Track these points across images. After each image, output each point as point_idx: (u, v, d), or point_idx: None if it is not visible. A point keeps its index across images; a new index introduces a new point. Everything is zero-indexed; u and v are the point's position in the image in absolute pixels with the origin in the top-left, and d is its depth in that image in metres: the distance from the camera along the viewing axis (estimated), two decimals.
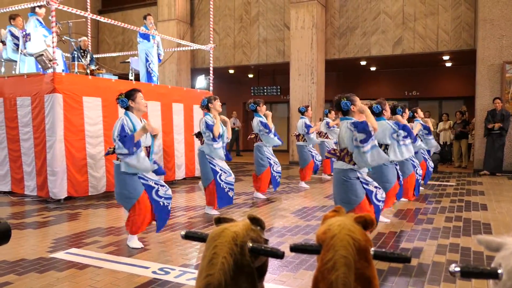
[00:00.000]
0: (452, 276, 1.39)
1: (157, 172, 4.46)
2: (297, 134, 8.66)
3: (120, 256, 4.02)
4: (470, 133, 12.04)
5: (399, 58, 12.92)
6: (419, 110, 7.30)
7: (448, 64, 14.57)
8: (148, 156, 4.32)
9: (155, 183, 4.30)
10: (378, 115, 5.04)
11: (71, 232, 4.89)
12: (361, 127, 3.95)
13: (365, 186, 4.10)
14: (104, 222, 5.45)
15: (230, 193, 5.79)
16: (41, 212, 6.01)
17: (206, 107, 5.77)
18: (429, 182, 8.61)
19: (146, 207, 4.24)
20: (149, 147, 4.36)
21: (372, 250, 1.34)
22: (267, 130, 6.89)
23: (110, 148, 4.39)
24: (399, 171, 5.41)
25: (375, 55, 12.64)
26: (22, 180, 6.97)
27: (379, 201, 4.14)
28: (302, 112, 8.67)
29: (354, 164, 4.04)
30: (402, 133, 5.14)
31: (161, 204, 4.31)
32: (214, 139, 5.59)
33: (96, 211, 6.09)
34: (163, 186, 4.36)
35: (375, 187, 4.17)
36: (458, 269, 1.17)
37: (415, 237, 4.69)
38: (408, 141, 5.30)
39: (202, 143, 5.82)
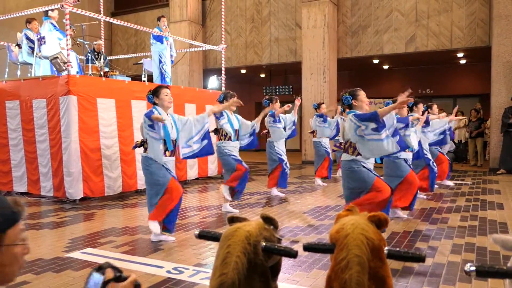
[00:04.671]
0: (467, 276, 1.38)
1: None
2: (312, 131, 8.64)
3: (135, 255, 4.06)
4: (485, 131, 11.86)
5: (412, 56, 12.79)
6: (434, 106, 7.23)
7: (463, 62, 14.38)
8: (174, 149, 4.52)
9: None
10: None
11: (86, 232, 4.95)
12: (367, 116, 3.98)
13: (372, 172, 4.17)
14: (119, 222, 5.51)
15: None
16: (57, 212, 6.10)
17: (221, 103, 5.87)
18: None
19: (177, 188, 4.41)
20: (175, 140, 4.54)
21: (386, 249, 1.33)
22: (273, 119, 6.91)
23: (137, 141, 4.60)
24: (410, 166, 5.37)
25: (388, 53, 12.54)
26: (38, 181, 7.08)
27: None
28: (315, 109, 8.65)
29: (358, 154, 4.11)
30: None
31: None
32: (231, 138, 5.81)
33: (111, 211, 6.16)
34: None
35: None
36: (473, 268, 1.16)
37: (429, 236, 4.64)
38: (407, 131, 5.28)
39: (218, 139, 5.90)
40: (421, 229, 4.93)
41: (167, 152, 4.45)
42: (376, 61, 14.26)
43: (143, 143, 4.50)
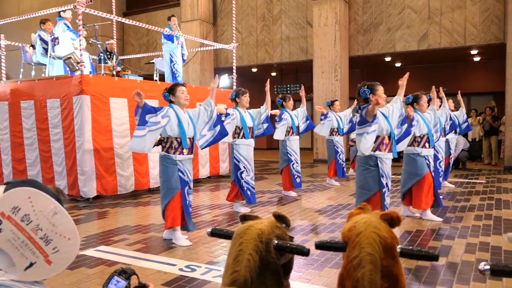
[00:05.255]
0: (481, 275, 1.36)
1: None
2: None
3: (148, 253, 4.10)
4: (500, 129, 11.69)
5: (425, 53, 12.66)
6: (449, 101, 7.15)
7: (477, 59, 14.19)
8: (191, 147, 4.50)
9: (188, 181, 4.46)
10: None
11: (100, 230, 5.01)
12: (361, 112, 3.97)
13: (382, 180, 4.08)
14: (132, 220, 5.56)
15: (249, 193, 5.86)
16: (71, 210, 6.17)
17: (234, 101, 5.88)
18: (458, 180, 8.43)
19: (178, 204, 4.38)
20: (192, 138, 4.54)
21: (398, 247, 1.33)
22: (278, 120, 6.87)
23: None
24: (430, 165, 5.28)
25: (400, 50, 12.42)
26: (53, 179, 7.17)
27: (385, 202, 4.10)
28: (329, 106, 8.59)
29: (375, 150, 4.03)
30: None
31: (187, 201, 4.45)
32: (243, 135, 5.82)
33: (124, 210, 6.22)
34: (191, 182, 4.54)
35: (387, 185, 4.12)
36: (488, 267, 1.15)
37: (443, 235, 4.60)
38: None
39: (233, 136, 5.92)
40: (434, 228, 4.89)
41: (184, 150, 4.42)
42: (388, 59, 14.15)
43: (160, 142, 4.48)
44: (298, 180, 7.12)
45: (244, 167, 5.80)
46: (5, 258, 1.06)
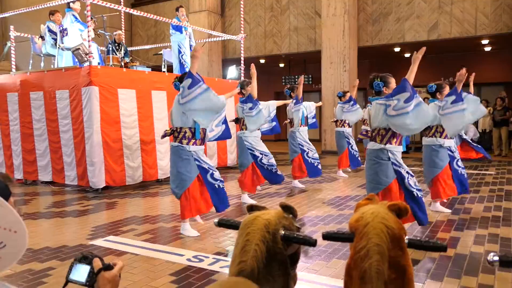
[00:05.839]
0: (490, 266, 1.35)
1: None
2: (335, 120, 8.52)
3: (156, 243, 4.13)
4: (510, 120, 11.55)
5: (435, 43, 12.49)
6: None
7: (487, 49, 13.97)
8: (204, 138, 4.54)
9: (209, 167, 4.50)
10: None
11: (109, 220, 5.06)
12: (396, 90, 3.81)
13: (395, 167, 3.96)
14: (140, 211, 5.60)
15: (278, 172, 6.02)
16: (80, 201, 6.24)
17: (241, 93, 5.87)
18: (467, 171, 8.36)
19: (196, 192, 4.41)
20: (205, 129, 4.56)
21: (406, 238, 1.32)
22: (296, 101, 6.87)
23: (167, 130, 4.59)
24: (452, 156, 5.18)
25: (410, 41, 12.28)
26: (63, 170, 7.24)
27: (412, 187, 3.97)
28: (340, 97, 8.53)
29: (387, 143, 3.95)
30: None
31: (217, 186, 4.53)
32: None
33: (132, 200, 6.27)
34: (216, 170, 4.60)
35: (407, 172, 4.00)
36: (496, 258, 1.14)
37: (451, 227, 4.57)
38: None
39: (240, 128, 5.91)
40: (443, 220, 4.86)
41: (197, 141, 4.44)
42: (397, 49, 13.99)
43: (173, 132, 4.46)
44: (319, 166, 7.07)
45: (260, 153, 5.85)
46: None
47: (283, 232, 1.32)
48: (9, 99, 7.93)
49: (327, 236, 1.38)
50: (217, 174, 4.58)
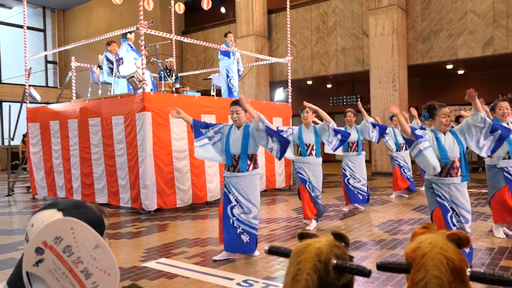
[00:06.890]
0: None
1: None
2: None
3: (206, 266, 4.16)
4: None
5: (491, 59, 11.98)
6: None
7: None
8: (236, 165, 4.37)
9: (235, 200, 4.33)
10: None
11: (160, 243, 5.16)
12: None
13: (439, 199, 3.73)
14: (191, 233, 5.68)
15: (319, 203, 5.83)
16: (134, 223, 6.42)
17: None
18: None
19: (221, 221, 4.43)
20: (239, 156, 4.43)
21: (468, 270, 1.24)
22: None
23: None
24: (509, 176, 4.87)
25: (463, 57, 11.86)
26: (118, 193, 7.52)
27: (453, 225, 3.66)
28: (391, 120, 8.36)
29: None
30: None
31: (231, 222, 4.32)
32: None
33: (183, 223, 6.37)
34: (243, 208, 4.30)
35: (452, 208, 3.70)
36: None
37: None
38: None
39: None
40: (506, 246, 4.55)
41: (230, 168, 4.40)
42: (450, 67, 13.54)
43: None
44: (360, 196, 6.87)
45: (308, 179, 5.78)
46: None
47: (335, 262, 1.29)
48: (70, 125, 8.42)
49: (381, 267, 1.33)
50: (237, 210, 4.29)
